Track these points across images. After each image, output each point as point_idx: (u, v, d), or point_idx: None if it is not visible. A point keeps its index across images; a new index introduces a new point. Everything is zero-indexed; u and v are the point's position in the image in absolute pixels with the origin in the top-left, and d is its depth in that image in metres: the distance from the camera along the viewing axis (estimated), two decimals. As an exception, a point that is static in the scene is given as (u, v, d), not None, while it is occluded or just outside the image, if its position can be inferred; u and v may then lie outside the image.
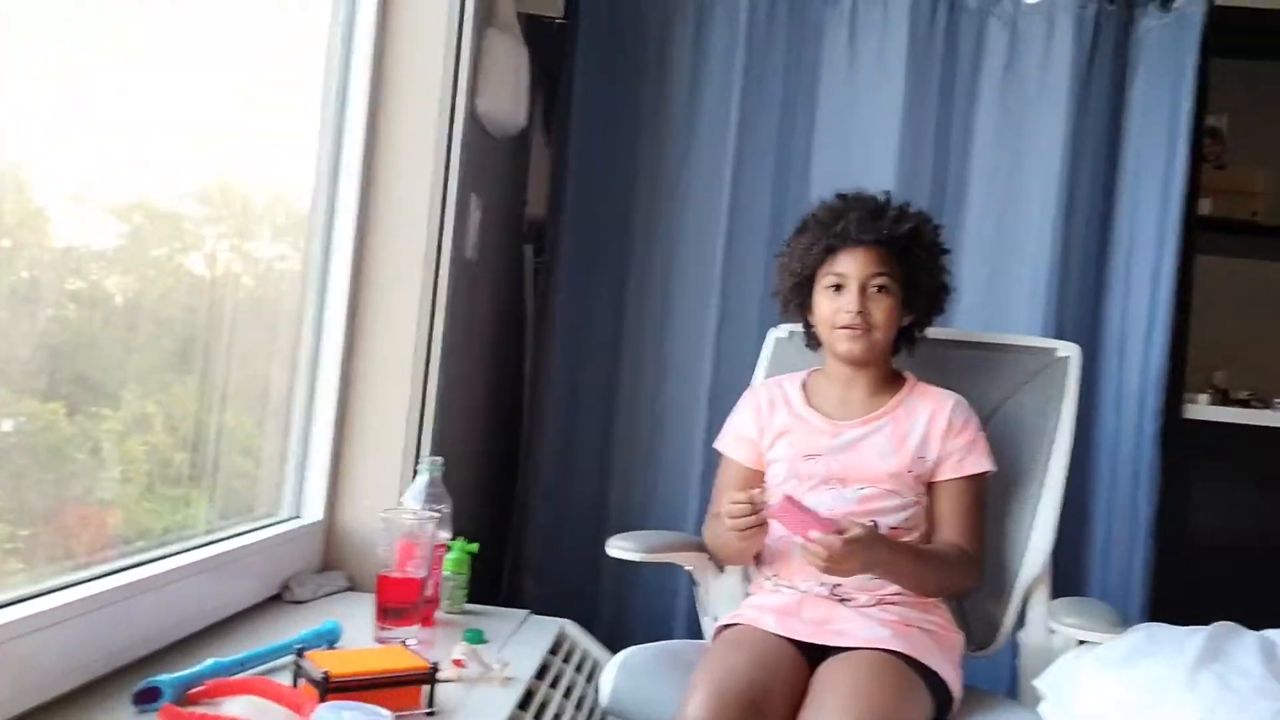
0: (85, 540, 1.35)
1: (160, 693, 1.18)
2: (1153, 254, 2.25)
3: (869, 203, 1.65)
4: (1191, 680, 1.24)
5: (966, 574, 1.61)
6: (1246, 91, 2.72)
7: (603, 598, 2.34)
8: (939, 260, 1.68)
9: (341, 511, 1.89)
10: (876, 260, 1.61)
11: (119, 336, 1.43)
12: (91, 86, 1.28)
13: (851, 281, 1.61)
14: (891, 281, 1.62)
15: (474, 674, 1.42)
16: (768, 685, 1.39)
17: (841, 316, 1.61)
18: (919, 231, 1.65)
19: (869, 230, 1.61)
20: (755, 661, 1.43)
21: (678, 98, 2.39)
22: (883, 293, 1.61)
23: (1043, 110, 2.26)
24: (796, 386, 1.72)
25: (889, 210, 1.64)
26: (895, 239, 1.62)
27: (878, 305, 1.61)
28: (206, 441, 1.62)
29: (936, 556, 1.58)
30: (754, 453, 1.71)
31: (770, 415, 1.70)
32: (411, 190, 1.91)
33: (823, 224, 1.64)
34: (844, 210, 1.64)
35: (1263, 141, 2.75)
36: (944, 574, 1.58)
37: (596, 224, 2.41)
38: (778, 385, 1.75)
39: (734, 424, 1.75)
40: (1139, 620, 1.88)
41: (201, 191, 1.58)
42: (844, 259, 1.62)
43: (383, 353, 1.90)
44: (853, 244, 1.61)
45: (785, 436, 1.67)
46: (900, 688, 1.40)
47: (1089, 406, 2.25)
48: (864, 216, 1.62)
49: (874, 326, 1.61)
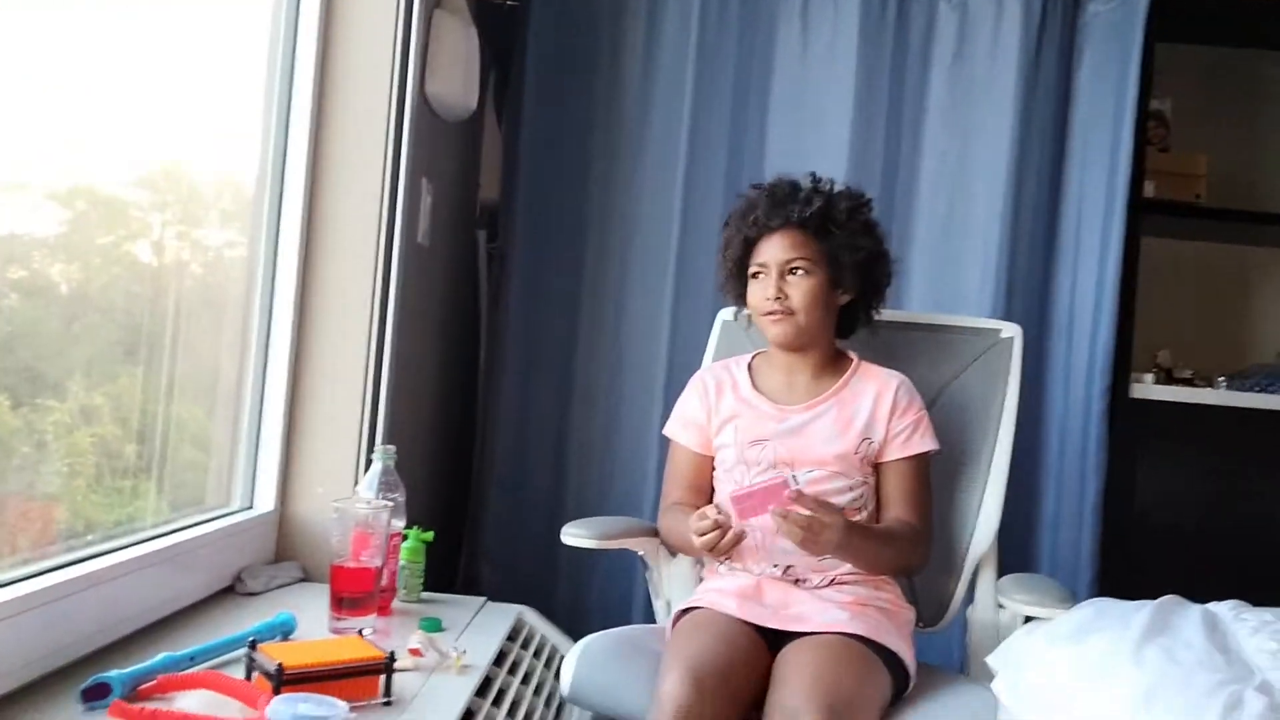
0: (31, 535, 1.31)
1: (110, 689, 1.15)
2: (1099, 235, 2.29)
3: (783, 189, 1.67)
4: (1138, 654, 1.27)
5: (916, 550, 1.63)
6: (1190, 76, 2.77)
7: (560, 584, 2.34)
8: (862, 235, 1.67)
9: (294, 501, 1.87)
10: (791, 244, 1.63)
11: (64, 326, 1.39)
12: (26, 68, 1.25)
13: (770, 268, 1.64)
14: (809, 263, 1.62)
15: (431, 662, 1.42)
16: (735, 666, 1.41)
17: (762, 303, 1.64)
18: (832, 207, 1.65)
19: (777, 215, 1.63)
20: (722, 642, 1.44)
21: (630, 82, 2.38)
22: (798, 274, 1.62)
23: (991, 94, 2.29)
24: (743, 370, 1.73)
25: (800, 193, 1.66)
26: (808, 220, 1.63)
27: (796, 288, 1.62)
28: (155, 433, 1.59)
29: (890, 534, 1.61)
30: (702, 438, 1.71)
31: (718, 400, 1.71)
32: (361, 175, 1.88)
33: (741, 215, 1.68)
34: (758, 199, 1.67)
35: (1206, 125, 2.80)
36: (897, 551, 1.60)
37: (550, 209, 2.39)
38: (724, 369, 1.75)
39: (681, 409, 1.76)
40: (1087, 596, 1.93)
41: (146, 177, 1.55)
42: (763, 247, 1.65)
43: (334, 340, 1.88)
44: (768, 231, 1.64)
45: (732, 422, 1.68)
46: (861, 671, 1.43)
47: (1038, 386, 2.29)
48: (773, 205, 1.64)
49: (795, 310, 1.62)
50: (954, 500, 1.79)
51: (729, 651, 1.43)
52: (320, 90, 1.88)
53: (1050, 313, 2.33)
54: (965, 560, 1.76)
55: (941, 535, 1.76)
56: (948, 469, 1.78)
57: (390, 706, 1.25)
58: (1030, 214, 2.31)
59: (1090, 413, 2.28)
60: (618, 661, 1.54)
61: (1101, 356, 2.27)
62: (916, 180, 2.33)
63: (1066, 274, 2.32)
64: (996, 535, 1.77)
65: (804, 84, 2.33)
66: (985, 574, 1.76)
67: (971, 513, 1.77)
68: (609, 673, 1.52)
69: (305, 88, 1.86)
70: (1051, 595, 1.56)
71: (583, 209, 2.39)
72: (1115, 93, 2.28)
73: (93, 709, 1.14)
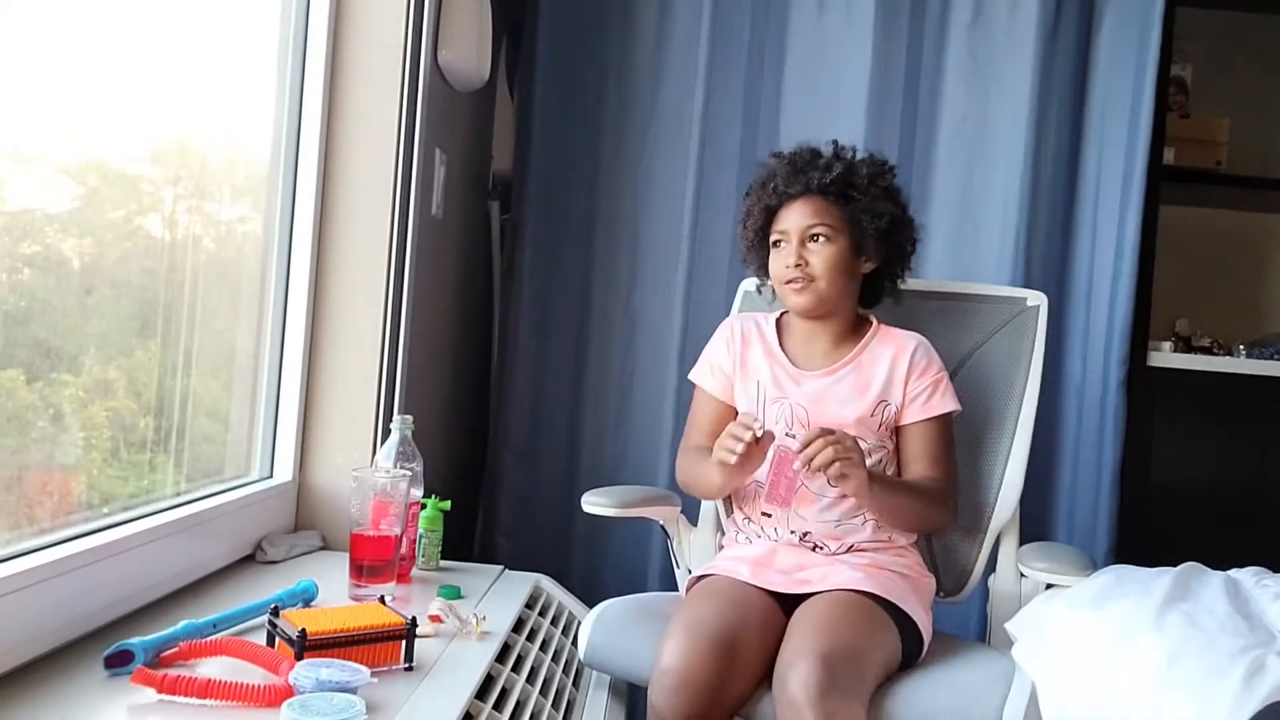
0: (49, 507, 1.32)
1: (133, 656, 1.16)
2: (1118, 203, 2.27)
3: (803, 156, 1.66)
4: (1159, 620, 1.27)
5: (942, 506, 1.62)
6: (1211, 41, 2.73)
7: (575, 553, 2.35)
8: (884, 201, 1.65)
9: (313, 471, 1.87)
10: (812, 211, 1.62)
11: (77, 301, 1.39)
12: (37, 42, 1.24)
13: (790, 235, 1.62)
14: (831, 229, 1.61)
15: (451, 629, 1.42)
16: (742, 630, 1.41)
17: (783, 271, 1.63)
18: (853, 174, 1.64)
19: (797, 183, 1.62)
20: (729, 608, 1.44)
21: (644, 50, 2.36)
22: (821, 241, 1.61)
23: (1010, 59, 2.26)
24: (771, 325, 1.73)
25: (820, 159, 1.64)
26: (828, 186, 1.61)
27: (816, 255, 1.61)
28: (171, 406, 1.59)
29: (914, 486, 1.60)
30: (727, 385, 1.72)
31: (743, 349, 1.71)
32: (375, 146, 1.87)
33: (761, 185, 1.67)
34: (777, 168, 1.66)
35: (1227, 92, 2.76)
36: (921, 504, 1.59)
37: (563, 179, 2.38)
38: (752, 321, 1.75)
39: (708, 355, 1.76)
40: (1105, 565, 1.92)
41: (158, 151, 1.54)
42: (783, 215, 1.64)
43: (350, 312, 1.87)
44: (788, 199, 1.63)
45: (755, 375, 1.68)
46: (869, 624, 1.43)
47: (1056, 354, 2.28)
48: (792, 171, 1.63)
49: (815, 277, 1.61)
50: (977, 469, 1.78)
51: (738, 616, 1.43)
52: (333, 61, 1.86)
53: (1069, 280, 2.31)
54: (987, 529, 1.76)
55: (964, 504, 1.76)
56: (971, 438, 1.77)
57: (412, 672, 1.25)
58: (1049, 181, 2.29)
59: (1108, 381, 2.26)
60: (634, 626, 1.55)
61: (1120, 325, 2.25)
62: (934, 147, 2.30)
63: (1085, 242, 2.30)
64: (1019, 505, 1.76)
65: (820, 50, 2.31)
66: (1007, 543, 1.76)
67: (994, 482, 1.77)
68: (625, 637, 1.53)
69: (318, 58, 1.85)
70: (1072, 563, 1.56)
71: (596, 179, 2.38)
72: (1135, 58, 2.25)
73: (116, 675, 1.15)
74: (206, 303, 1.68)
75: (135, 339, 1.51)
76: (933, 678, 1.45)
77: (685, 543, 1.82)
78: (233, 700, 1.08)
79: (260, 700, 1.08)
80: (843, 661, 1.31)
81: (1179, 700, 1.13)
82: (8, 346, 1.23)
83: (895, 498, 1.57)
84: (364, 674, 1.12)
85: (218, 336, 1.75)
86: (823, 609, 1.43)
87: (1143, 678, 1.18)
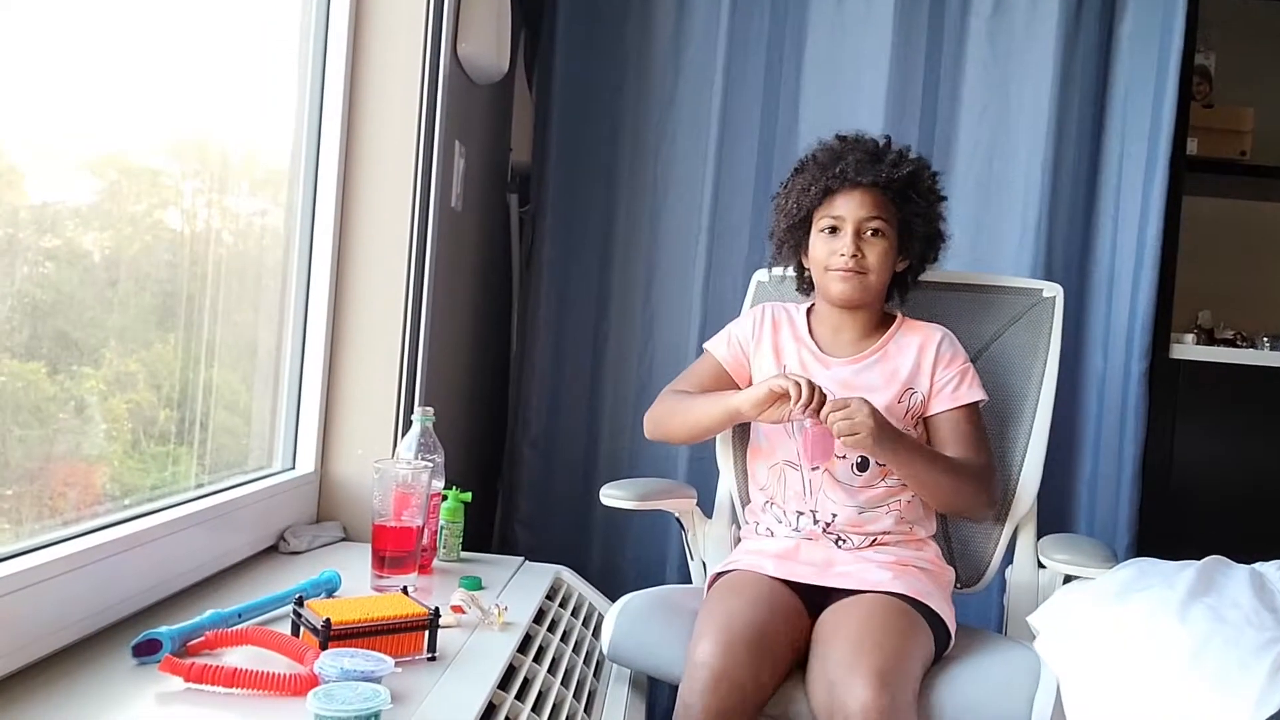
0: (72, 499, 1.33)
1: (160, 644, 1.17)
2: (1140, 193, 2.25)
3: (868, 145, 1.64)
4: (1184, 613, 1.26)
5: (980, 483, 1.60)
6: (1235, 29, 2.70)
7: (594, 545, 2.36)
8: (935, 207, 1.67)
9: (334, 463, 1.89)
10: (873, 203, 1.60)
11: (98, 294, 1.40)
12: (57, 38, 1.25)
13: (847, 224, 1.61)
14: (887, 225, 1.61)
15: (473, 619, 1.43)
16: (771, 628, 1.41)
17: (836, 259, 1.61)
18: (917, 176, 1.64)
19: (867, 172, 1.60)
20: (758, 605, 1.44)
21: (662, 40, 2.35)
22: (878, 236, 1.61)
23: (1032, 48, 2.25)
24: (801, 313, 1.73)
25: (888, 154, 1.63)
26: (893, 182, 1.60)
27: (872, 248, 1.61)
28: (193, 399, 1.60)
29: (943, 456, 1.59)
30: (738, 359, 1.71)
31: (774, 334, 1.70)
32: (395, 139, 1.88)
33: (821, 165, 1.63)
34: (843, 152, 1.63)
35: (1251, 80, 2.74)
36: (953, 476, 1.57)
37: (582, 171, 2.38)
38: (783, 308, 1.75)
39: (730, 328, 1.76)
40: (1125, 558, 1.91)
41: (178, 145, 1.55)
42: (841, 201, 1.61)
43: (371, 304, 1.88)
44: (850, 186, 1.60)
45: (783, 358, 1.68)
46: (907, 631, 1.42)
47: (1077, 346, 2.27)
48: (863, 159, 1.61)
49: (868, 270, 1.61)
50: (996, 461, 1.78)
51: (766, 614, 1.43)
52: (354, 53, 1.87)
53: (1090, 272, 2.30)
54: (1005, 520, 1.76)
55: (981, 495, 1.75)
56: (989, 429, 1.76)
57: (435, 662, 1.26)
58: (1070, 171, 2.27)
59: (1130, 373, 2.25)
60: (657, 621, 1.55)
61: (1142, 316, 2.24)
62: (954, 137, 2.29)
63: (1107, 233, 2.29)
64: (1037, 496, 1.76)
65: (839, 41, 2.30)
66: (1025, 534, 1.76)
67: (1013, 473, 1.76)
68: (649, 633, 1.53)
69: (339, 51, 1.85)
70: (1094, 555, 1.56)
71: (614, 172, 2.38)
72: (1158, 46, 2.23)
73: (144, 664, 1.16)
74: (227, 296, 1.69)
75: (155, 332, 1.52)
76: (964, 673, 1.45)
77: (700, 535, 1.82)
78: (259, 689, 1.09)
79: (286, 689, 1.09)
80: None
81: (1205, 694, 1.12)
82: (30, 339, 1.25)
83: (918, 460, 1.54)
84: (388, 664, 1.12)
85: (239, 329, 1.76)
86: (860, 617, 1.42)
87: (1167, 671, 1.18)
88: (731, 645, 1.35)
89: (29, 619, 1.13)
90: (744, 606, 1.43)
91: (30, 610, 1.13)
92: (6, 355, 1.20)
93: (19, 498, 1.24)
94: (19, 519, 1.23)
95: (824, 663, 1.37)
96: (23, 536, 1.21)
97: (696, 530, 1.82)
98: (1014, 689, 1.40)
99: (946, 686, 1.41)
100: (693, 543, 1.82)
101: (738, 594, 1.48)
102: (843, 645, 1.37)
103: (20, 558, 1.15)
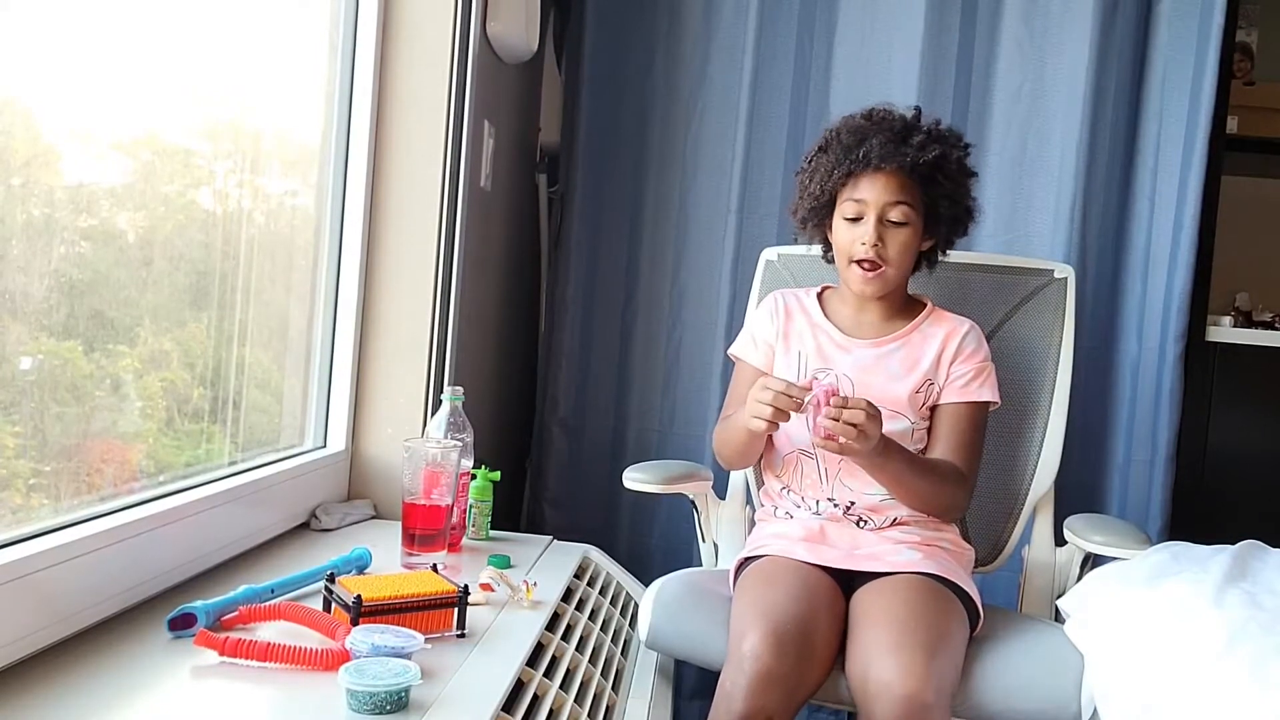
0: (108, 475, 1.35)
1: (195, 619, 1.19)
2: (1178, 173, 2.20)
3: (895, 124, 1.59)
4: (1219, 598, 1.25)
5: (955, 491, 1.58)
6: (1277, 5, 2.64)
7: (621, 524, 2.37)
8: (964, 186, 1.62)
9: (365, 442, 1.90)
10: (897, 187, 1.56)
11: (133, 274, 1.42)
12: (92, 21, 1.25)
13: (870, 210, 1.56)
14: (911, 211, 1.57)
15: (502, 597, 1.44)
16: (814, 616, 1.40)
17: (858, 249, 1.57)
18: (944, 158, 1.58)
19: (892, 157, 1.55)
20: (798, 594, 1.42)
21: (691, 18, 2.34)
22: (900, 226, 1.57)
23: (1068, 24, 2.20)
24: (812, 298, 1.71)
25: (916, 134, 1.57)
26: (918, 166, 1.56)
27: (894, 239, 1.57)
28: (225, 378, 1.62)
29: (931, 466, 1.57)
30: (769, 356, 1.69)
31: (787, 322, 1.69)
32: (425, 118, 1.88)
33: (846, 147, 1.58)
34: (869, 132, 1.58)
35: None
36: (934, 486, 1.55)
37: (611, 150, 2.37)
38: (794, 295, 1.73)
39: (751, 328, 1.74)
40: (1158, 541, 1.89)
41: (211, 126, 1.56)
42: (865, 184, 1.57)
43: (401, 284, 1.89)
44: (873, 169, 1.56)
45: (797, 346, 1.66)
46: (944, 612, 1.41)
47: (1111, 328, 2.24)
48: (888, 141, 1.55)
49: (888, 262, 1.57)
50: (1012, 442, 1.78)
51: (809, 604, 1.41)
52: (384, 33, 1.87)
53: (1125, 253, 2.26)
54: (1024, 501, 1.76)
55: (1000, 476, 1.76)
56: (1006, 411, 1.76)
57: (464, 638, 1.27)
58: (1107, 151, 2.23)
59: (1165, 356, 2.21)
60: (693, 608, 1.54)
61: (1178, 299, 2.20)
62: (988, 117, 2.25)
63: (1143, 214, 2.25)
64: (1055, 476, 1.75)
65: (871, 18, 2.27)
66: (1043, 515, 1.76)
67: (1031, 454, 1.76)
68: (686, 620, 1.53)
69: (369, 31, 1.85)
70: (1127, 536, 1.55)
71: (643, 151, 2.37)
72: (1198, 23, 2.18)
73: (179, 637, 1.18)
74: (259, 275, 1.70)
75: (189, 311, 1.54)
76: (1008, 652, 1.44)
77: (712, 517, 1.82)
78: (292, 663, 1.11)
79: (318, 664, 1.11)
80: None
81: (1240, 681, 1.11)
82: (67, 318, 1.26)
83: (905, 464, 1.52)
84: (418, 640, 1.13)
85: (270, 309, 1.77)
86: (898, 600, 1.41)
87: (1202, 657, 1.17)
88: (782, 640, 1.33)
89: (68, 593, 1.15)
90: (787, 601, 1.40)
91: (69, 584, 1.15)
92: (44, 334, 1.21)
93: (57, 474, 1.26)
94: (57, 495, 1.25)
95: (864, 645, 1.36)
96: (61, 512, 1.23)
97: (709, 512, 1.82)
98: (1062, 667, 1.39)
99: (993, 666, 1.41)
100: (705, 525, 1.82)
101: (775, 584, 1.45)
102: (883, 627, 1.35)
103: (59, 532, 1.17)
